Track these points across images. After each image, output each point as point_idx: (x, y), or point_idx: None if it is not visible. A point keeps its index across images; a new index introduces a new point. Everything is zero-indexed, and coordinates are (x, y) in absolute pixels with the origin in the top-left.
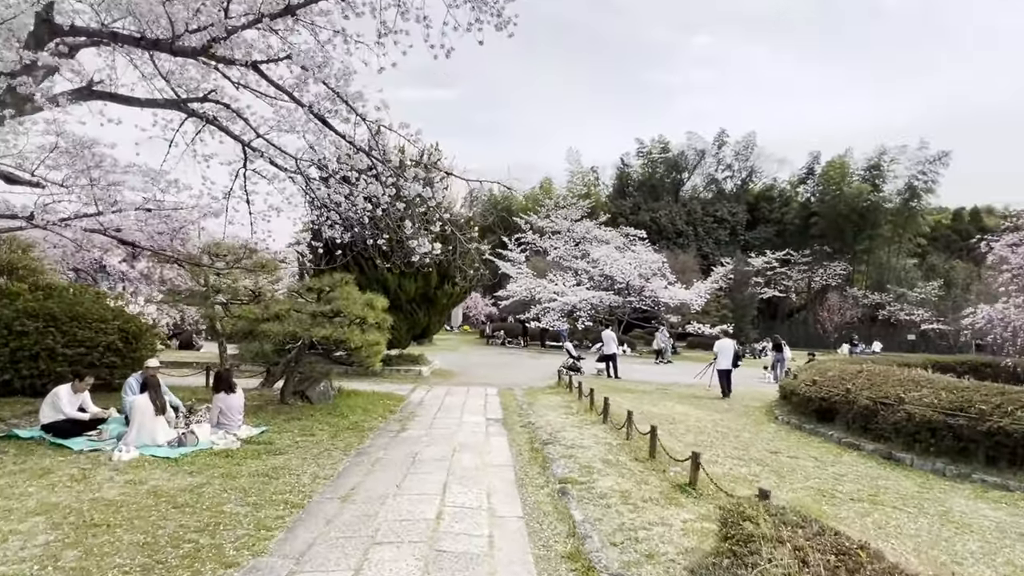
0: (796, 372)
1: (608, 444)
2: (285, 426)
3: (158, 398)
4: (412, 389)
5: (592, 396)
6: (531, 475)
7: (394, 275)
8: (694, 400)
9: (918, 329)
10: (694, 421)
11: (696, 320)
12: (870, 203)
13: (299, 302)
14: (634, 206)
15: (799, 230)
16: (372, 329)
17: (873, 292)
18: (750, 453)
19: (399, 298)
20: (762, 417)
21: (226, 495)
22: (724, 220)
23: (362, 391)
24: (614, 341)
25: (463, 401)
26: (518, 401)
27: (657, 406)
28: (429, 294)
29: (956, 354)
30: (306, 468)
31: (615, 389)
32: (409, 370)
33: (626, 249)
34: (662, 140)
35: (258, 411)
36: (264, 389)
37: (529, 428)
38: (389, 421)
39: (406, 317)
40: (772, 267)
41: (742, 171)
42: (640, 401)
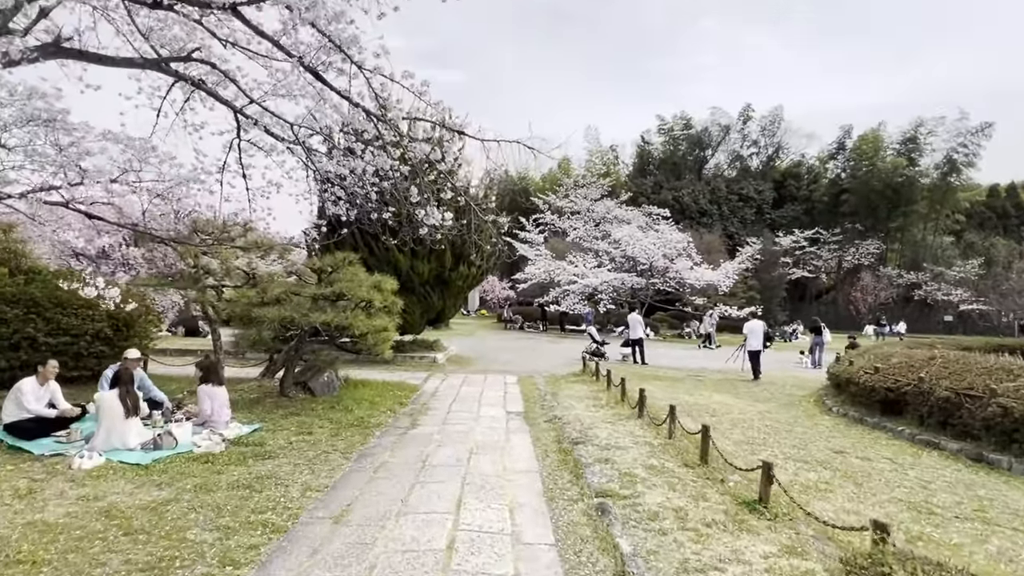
0: (848, 358)
1: (649, 444)
2: (281, 423)
3: (129, 395)
4: (426, 378)
5: (623, 386)
6: (562, 484)
7: (406, 256)
8: (731, 388)
9: (956, 310)
10: (737, 413)
11: (722, 302)
12: (906, 178)
13: (297, 284)
14: (655, 185)
15: (828, 208)
16: (380, 314)
17: (908, 271)
18: (811, 453)
19: (412, 281)
20: (812, 408)
21: (194, 515)
22: (750, 198)
23: (371, 381)
24: (641, 325)
25: (480, 391)
26: (540, 391)
27: (693, 395)
28: (444, 276)
29: (1000, 336)
30: (297, 477)
31: (644, 376)
32: (423, 357)
33: (649, 229)
34: (684, 116)
35: (254, 405)
36: (264, 380)
37: (555, 424)
38: (398, 415)
39: (419, 301)
40: (801, 247)
41: (768, 147)
42: (674, 390)
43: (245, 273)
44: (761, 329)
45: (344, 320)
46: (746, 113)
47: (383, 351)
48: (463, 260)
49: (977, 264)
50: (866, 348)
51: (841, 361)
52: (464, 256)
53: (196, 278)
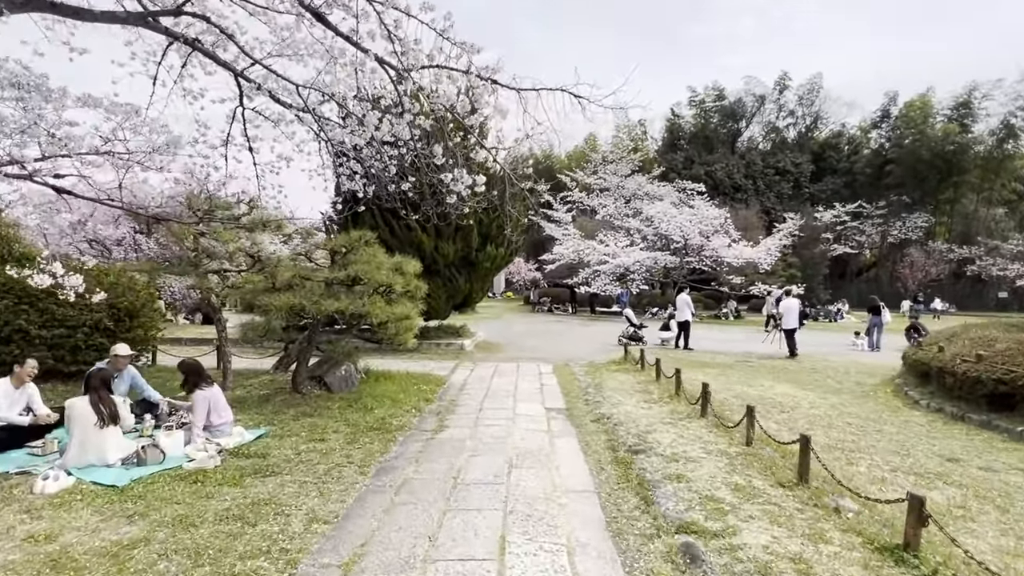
0: (935, 342)
1: (724, 454)
2: (291, 426)
3: (103, 401)
4: (453, 368)
5: (678, 377)
6: (628, 511)
7: (430, 236)
8: (790, 375)
9: (1011, 285)
10: (808, 407)
11: (761, 281)
12: (958, 145)
13: (309, 268)
14: (686, 160)
15: (871, 180)
16: (401, 299)
17: (960, 246)
18: (919, 461)
19: (436, 263)
20: (891, 399)
21: (164, 564)
22: (787, 172)
23: (394, 372)
24: (690, 306)
25: (514, 383)
26: (580, 382)
27: (751, 386)
28: (470, 257)
29: None
30: (302, 501)
31: (690, 363)
32: (450, 344)
33: (683, 205)
34: (716, 87)
35: (263, 404)
36: (278, 373)
37: (604, 424)
38: (424, 415)
39: (444, 284)
40: (842, 221)
41: (806, 117)
42: (727, 379)
43: (250, 256)
44: (797, 307)
45: (361, 308)
46: (782, 82)
47: (406, 341)
48: (490, 240)
49: None
50: (952, 332)
51: (925, 346)
52: (491, 236)
53: (195, 262)
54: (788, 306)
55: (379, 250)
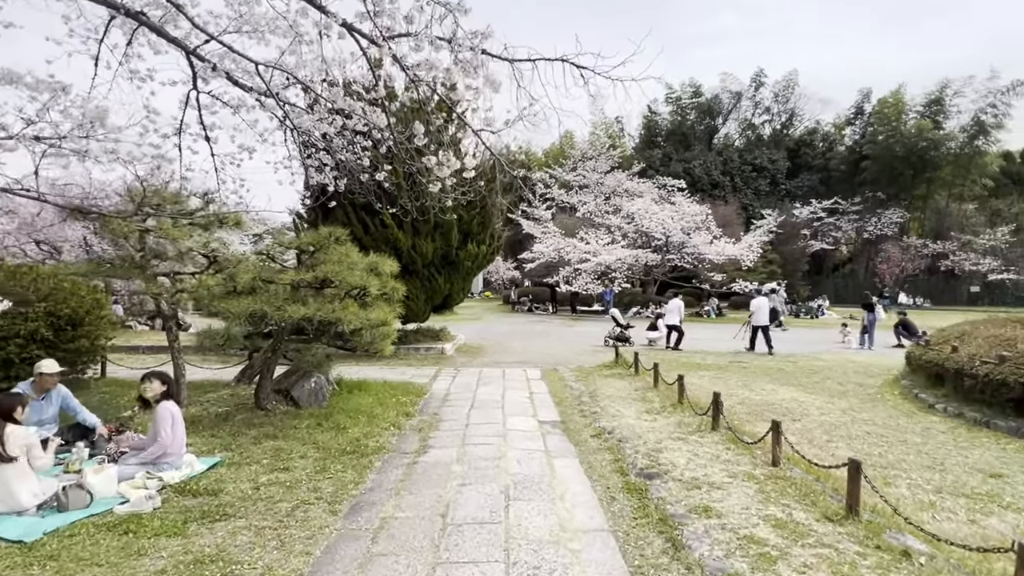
0: (947, 341)
1: (750, 477)
2: (251, 451)
3: (4, 438)
4: (434, 375)
5: (681, 385)
6: (653, 558)
7: (407, 234)
8: (789, 377)
9: (983, 280)
10: (818, 413)
11: (742, 278)
12: (930, 142)
13: (271, 268)
14: (664, 157)
15: (846, 176)
16: (378, 303)
17: (934, 241)
18: (960, 479)
19: (414, 262)
20: (901, 402)
21: None
22: (763, 168)
23: (370, 382)
24: (680, 312)
25: (501, 391)
26: (572, 390)
27: (752, 389)
28: (450, 256)
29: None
30: (258, 556)
31: (683, 365)
32: (430, 348)
33: (663, 202)
34: (693, 84)
35: (220, 424)
36: (240, 386)
37: (606, 440)
38: (404, 433)
39: (423, 284)
40: (819, 218)
41: (781, 114)
42: (725, 383)
43: (205, 256)
44: (767, 305)
45: (330, 313)
46: (758, 79)
47: (383, 349)
48: (472, 237)
49: (1008, 231)
50: (961, 330)
51: (934, 346)
52: (473, 233)
53: (141, 263)
54: (759, 304)
55: (352, 249)
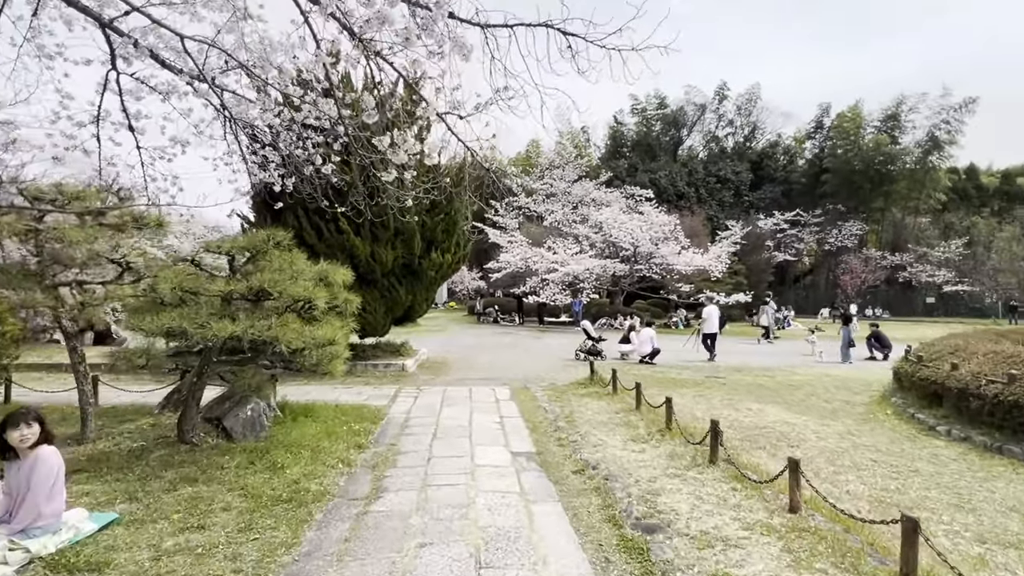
0: (944, 356)
1: (768, 529)
2: (161, 501)
3: None
4: (394, 395)
5: (669, 407)
6: None
7: (364, 241)
8: (773, 395)
9: (938, 291)
10: (815, 438)
11: (709, 288)
12: (887, 156)
13: (197, 277)
14: (631, 167)
15: (807, 189)
16: (328, 318)
17: (892, 253)
18: (996, 522)
19: (373, 271)
20: (900, 424)
21: None
22: (727, 180)
23: (320, 405)
24: (653, 341)
25: (468, 415)
26: (547, 412)
27: (739, 409)
28: (412, 265)
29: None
30: None
31: (660, 381)
32: (390, 365)
33: (631, 212)
34: (659, 95)
35: (131, 464)
36: (165, 413)
37: (591, 478)
38: (354, 471)
39: (383, 295)
40: (782, 229)
41: (744, 127)
42: (707, 401)
43: (116, 263)
44: (717, 314)
45: (265, 331)
46: (721, 92)
47: (332, 370)
48: (436, 245)
49: (961, 244)
50: (953, 345)
51: (929, 362)
52: (437, 240)
53: (38, 273)
54: (710, 313)
55: (299, 256)
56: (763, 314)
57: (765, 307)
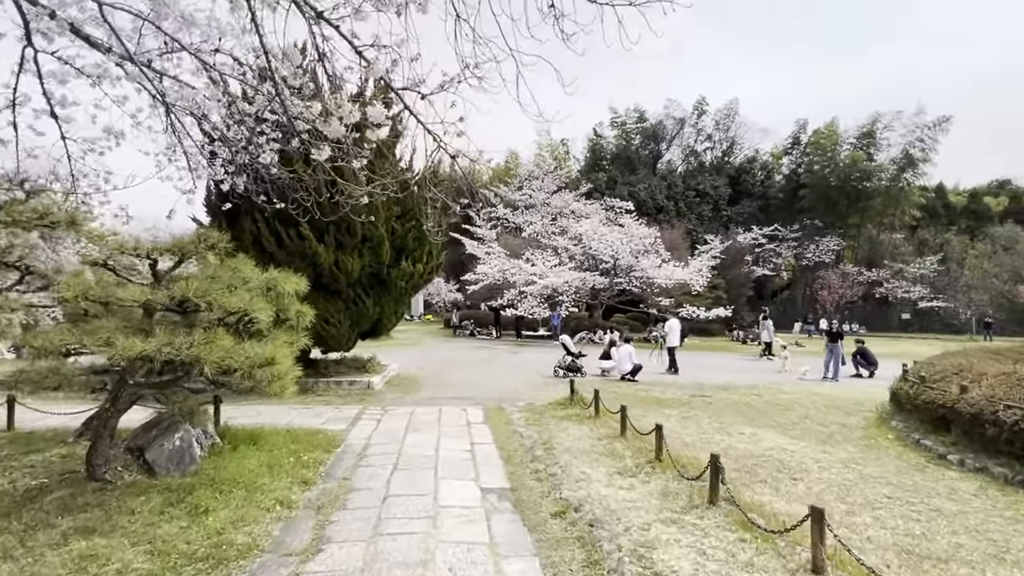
0: (950, 376)
1: None
2: (43, 562)
3: None
4: (355, 417)
5: (659, 436)
6: None
7: (328, 248)
8: (764, 416)
9: (913, 307)
10: (816, 467)
11: (688, 302)
12: (863, 172)
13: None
14: (610, 180)
15: (784, 204)
16: (276, 333)
17: (869, 268)
18: None
19: (337, 281)
20: (904, 450)
21: None
22: (706, 194)
23: (270, 430)
24: (631, 358)
25: (435, 441)
26: (523, 438)
27: (730, 434)
28: (381, 274)
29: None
30: None
31: (644, 401)
32: (354, 382)
33: (611, 224)
34: (638, 109)
35: (22, 507)
36: (82, 441)
37: (573, 524)
38: (295, 515)
39: (348, 307)
40: (760, 244)
41: (723, 142)
42: (696, 424)
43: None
44: (678, 327)
45: (184, 349)
46: (700, 106)
47: (276, 393)
48: (406, 254)
49: (936, 260)
50: (957, 365)
51: (933, 383)
52: (407, 249)
53: None
54: (672, 326)
55: (245, 262)
56: (764, 330)
57: (765, 323)
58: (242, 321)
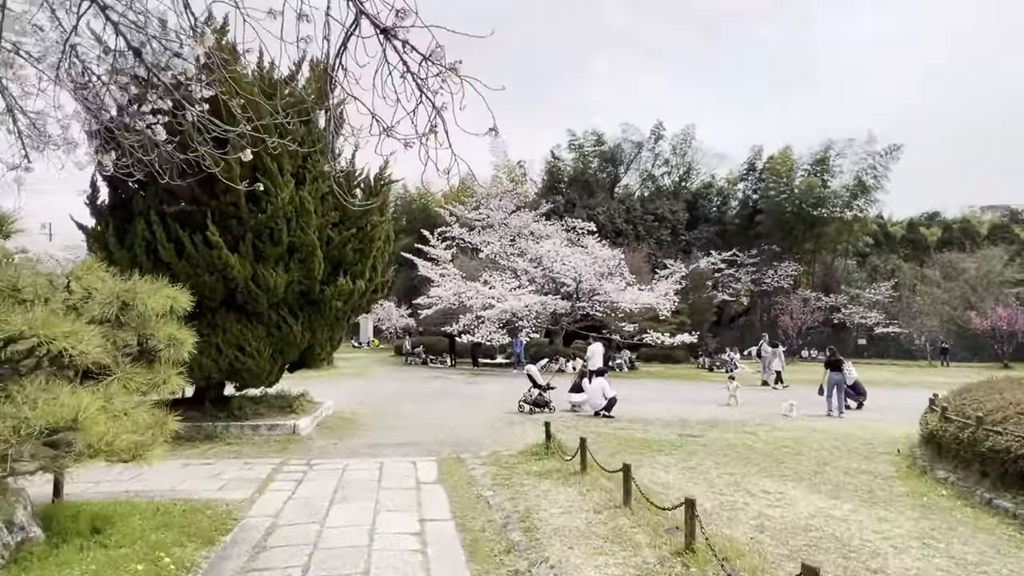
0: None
1: None
2: None
3: None
4: (266, 478)
5: (691, 517)
6: None
7: (244, 259)
8: (776, 464)
9: (870, 332)
10: (888, 548)
11: (652, 328)
12: (818, 199)
13: None
14: (568, 203)
15: (741, 229)
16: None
17: (827, 294)
18: None
19: (256, 299)
20: (980, 515)
21: None
22: (665, 218)
23: (131, 505)
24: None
25: (371, 520)
26: (491, 508)
27: (752, 493)
28: (312, 293)
29: (917, 359)
30: None
31: (630, 443)
32: (276, 426)
33: (574, 245)
34: (596, 132)
35: None
36: None
37: None
38: None
39: (270, 332)
40: (719, 269)
41: (680, 167)
42: (702, 474)
43: None
44: (601, 351)
45: None
46: (658, 131)
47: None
48: (345, 269)
49: (890, 286)
50: (1009, 400)
51: (988, 423)
52: (346, 262)
53: None
54: (595, 350)
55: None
56: (775, 357)
57: (776, 349)
58: (47, 357)
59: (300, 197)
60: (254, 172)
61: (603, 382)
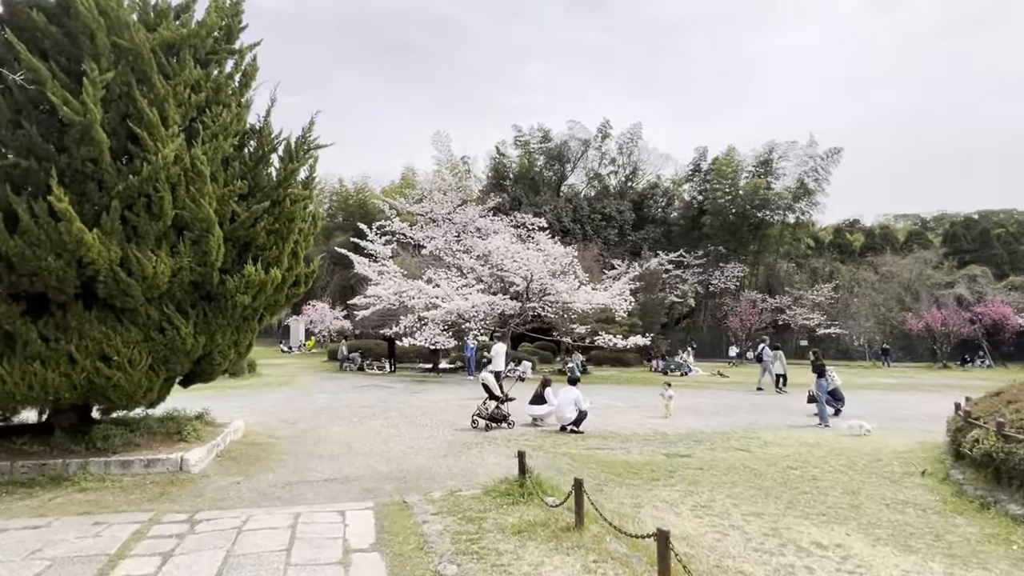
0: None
1: None
2: None
3: None
4: (116, 552)
5: None
6: None
7: (107, 237)
8: (792, 492)
9: (812, 334)
10: None
11: (604, 330)
12: (762, 201)
13: None
14: (514, 200)
15: (686, 230)
16: None
17: (771, 295)
18: None
19: (127, 292)
20: None
21: None
22: (612, 218)
23: None
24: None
25: None
26: None
27: (803, 548)
28: (210, 284)
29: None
30: None
31: (612, 470)
32: (153, 461)
33: (524, 241)
34: (543, 128)
35: None
36: None
37: None
38: None
39: (149, 336)
40: (667, 270)
41: (626, 166)
42: (719, 514)
43: None
44: (504, 350)
45: None
46: (604, 129)
47: None
48: (256, 254)
49: (831, 288)
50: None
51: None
52: (257, 244)
53: None
54: (497, 350)
55: None
56: (776, 360)
57: (777, 352)
58: None
59: (192, 157)
60: (125, 120)
61: (576, 392)
